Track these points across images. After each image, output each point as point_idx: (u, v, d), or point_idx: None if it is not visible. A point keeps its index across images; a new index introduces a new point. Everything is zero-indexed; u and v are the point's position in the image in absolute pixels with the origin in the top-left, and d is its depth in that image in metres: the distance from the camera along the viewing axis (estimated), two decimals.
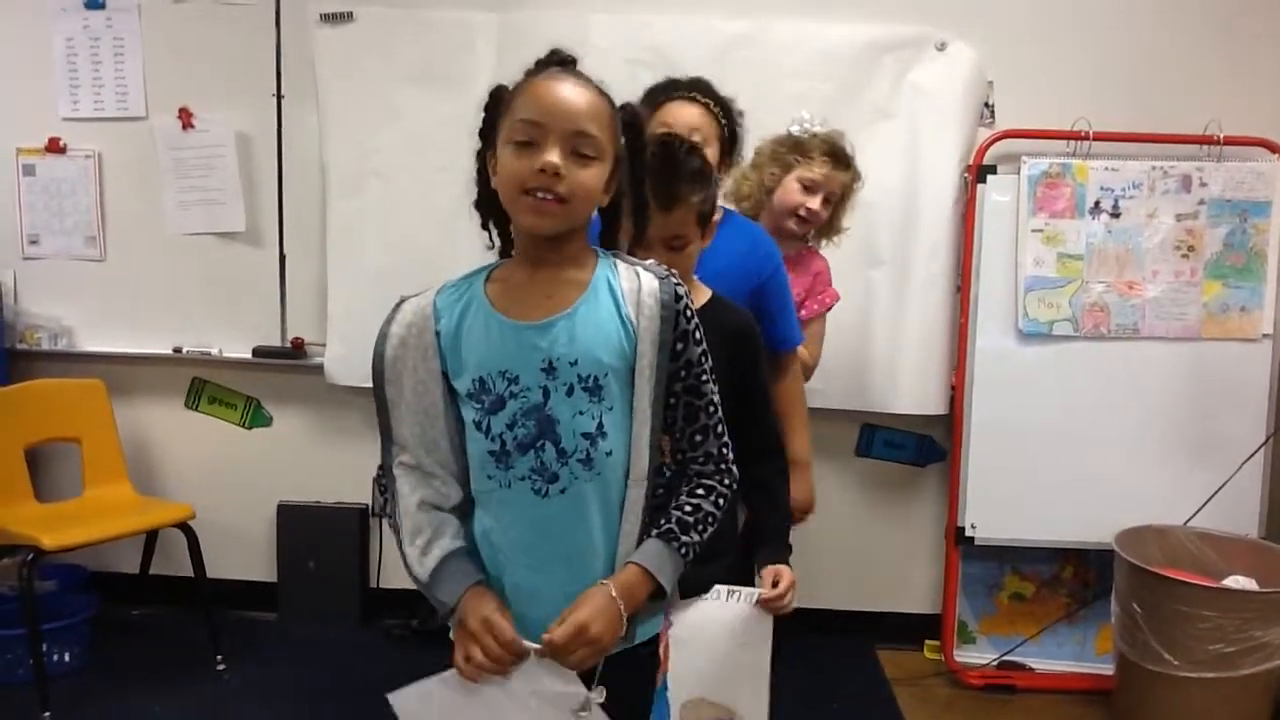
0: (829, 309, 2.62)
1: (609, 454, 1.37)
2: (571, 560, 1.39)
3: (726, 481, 1.47)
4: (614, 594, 1.35)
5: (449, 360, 1.41)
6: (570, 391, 1.36)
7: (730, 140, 2.35)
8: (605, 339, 1.36)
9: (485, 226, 1.47)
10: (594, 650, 1.33)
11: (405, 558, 1.42)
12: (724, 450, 1.47)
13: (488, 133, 1.42)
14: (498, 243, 1.48)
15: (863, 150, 3.12)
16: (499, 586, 1.42)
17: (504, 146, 1.36)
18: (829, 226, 2.60)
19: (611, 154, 1.39)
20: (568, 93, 1.35)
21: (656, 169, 1.65)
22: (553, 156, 1.31)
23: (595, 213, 1.43)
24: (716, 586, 1.63)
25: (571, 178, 1.33)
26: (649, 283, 1.40)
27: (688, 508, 1.42)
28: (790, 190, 2.49)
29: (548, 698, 1.35)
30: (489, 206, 1.44)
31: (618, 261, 1.44)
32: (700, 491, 1.44)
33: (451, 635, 1.41)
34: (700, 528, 1.42)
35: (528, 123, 1.33)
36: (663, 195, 1.67)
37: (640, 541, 1.40)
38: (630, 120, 1.44)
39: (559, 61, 1.40)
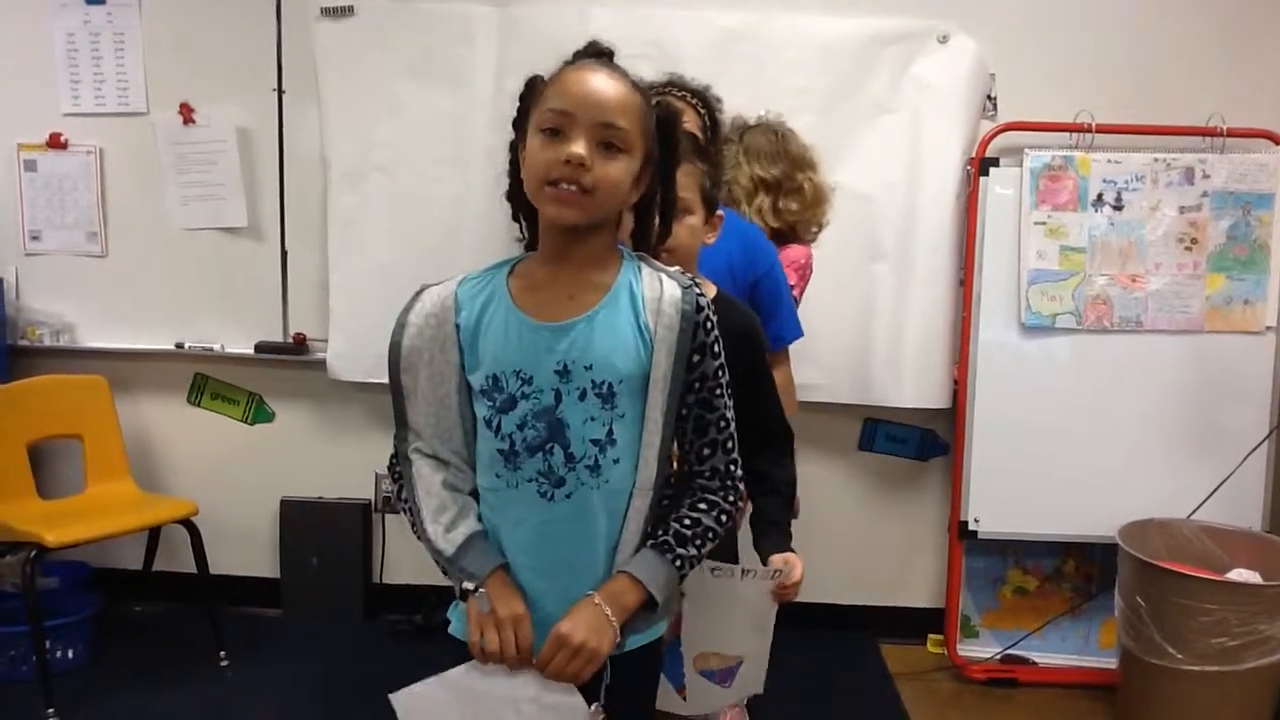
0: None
1: (616, 461, 1.36)
2: (574, 566, 1.37)
3: (731, 499, 1.44)
4: (597, 601, 1.34)
5: (466, 354, 1.40)
6: (583, 396, 1.34)
7: (712, 129, 2.32)
8: (622, 346, 1.35)
9: (516, 218, 1.45)
10: (582, 660, 1.32)
11: (426, 534, 1.40)
12: (731, 467, 1.44)
13: (521, 123, 1.39)
14: (527, 235, 1.46)
15: (864, 144, 3.17)
16: None
17: (532, 135, 1.34)
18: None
19: (642, 149, 1.36)
20: (598, 83, 1.32)
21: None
22: (578, 147, 1.29)
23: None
24: (730, 565, 1.66)
25: (597, 170, 1.30)
26: (671, 291, 1.37)
27: (687, 521, 1.40)
28: None
29: (548, 707, 1.35)
30: (521, 198, 1.41)
31: (643, 266, 1.42)
32: (702, 506, 1.42)
33: (465, 610, 1.38)
34: (698, 542, 1.40)
35: (556, 112, 1.31)
36: None
37: (638, 551, 1.39)
38: (665, 116, 1.41)
39: (595, 53, 1.39)
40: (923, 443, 3.46)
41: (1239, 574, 2.85)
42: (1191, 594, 2.70)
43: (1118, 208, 3.11)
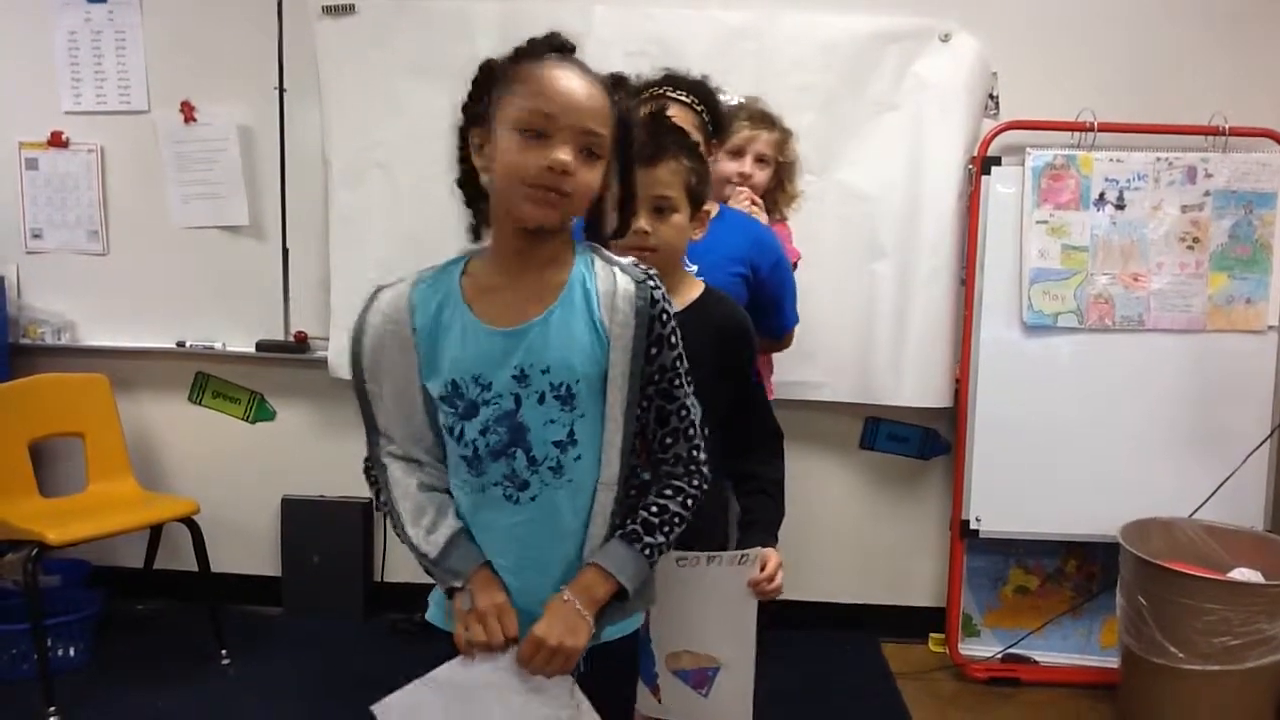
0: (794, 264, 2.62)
1: (579, 459, 1.36)
2: (545, 565, 1.38)
3: (695, 483, 1.44)
4: (567, 597, 1.35)
5: (424, 360, 1.39)
6: (541, 399, 1.34)
7: (715, 127, 2.27)
8: (578, 346, 1.34)
9: (469, 204, 1.44)
10: (560, 659, 1.34)
11: (409, 538, 1.41)
12: (694, 453, 1.44)
13: (473, 108, 1.38)
14: (476, 222, 1.45)
15: (866, 142, 3.17)
16: None
17: (507, 131, 1.32)
18: (781, 192, 2.59)
19: (610, 149, 1.37)
20: (581, 87, 1.32)
21: (644, 125, 1.57)
22: (565, 155, 1.29)
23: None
24: (695, 554, 1.63)
25: (579, 177, 1.31)
26: (625, 285, 1.36)
27: (654, 509, 1.40)
28: (721, 163, 2.46)
29: (534, 689, 1.36)
30: (473, 185, 1.40)
31: (596, 259, 1.41)
32: (668, 493, 1.42)
33: (453, 607, 1.40)
34: (666, 529, 1.40)
35: (539, 113, 1.30)
36: (648, 148, 1.59)
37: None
38: (623, 116, 1.40)
39: (558, 47, 1.38)
40: (924, 442, 3.46)
41: (1240, 573, 2.84)
42: (1193, 593, 2.70)
43: (1120, 207, 3.11)
